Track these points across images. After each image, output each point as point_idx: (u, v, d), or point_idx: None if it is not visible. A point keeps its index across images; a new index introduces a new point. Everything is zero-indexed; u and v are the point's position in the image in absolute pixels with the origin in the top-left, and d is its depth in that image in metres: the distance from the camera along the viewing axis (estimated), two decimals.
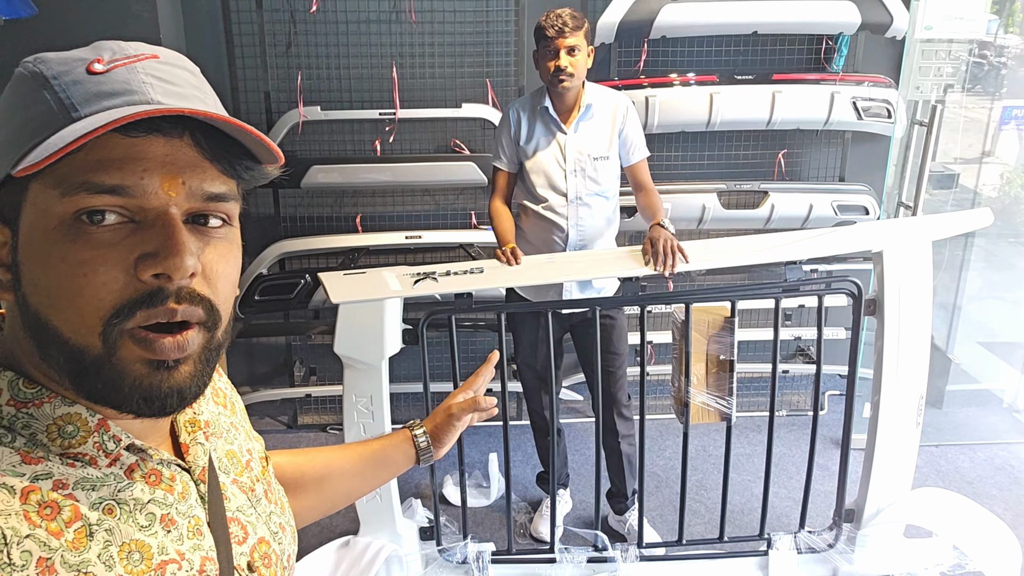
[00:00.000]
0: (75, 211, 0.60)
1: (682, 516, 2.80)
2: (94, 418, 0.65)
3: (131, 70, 0.63)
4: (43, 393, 0.64)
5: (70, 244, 0.60)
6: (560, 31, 2.53)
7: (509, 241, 2.69)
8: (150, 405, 0.63)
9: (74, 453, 0.64)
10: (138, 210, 0.62)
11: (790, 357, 4.03)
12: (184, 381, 0.64)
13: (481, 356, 3.98)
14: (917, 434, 2.70)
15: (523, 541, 3.10)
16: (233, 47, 3.45)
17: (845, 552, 2.77)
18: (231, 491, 0.79)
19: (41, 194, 0.61)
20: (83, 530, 0.61)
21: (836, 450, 3.24)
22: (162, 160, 0.62)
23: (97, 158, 0.60)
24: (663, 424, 3.85)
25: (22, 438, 0.62)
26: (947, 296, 4.00)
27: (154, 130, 0.61)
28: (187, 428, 0.77)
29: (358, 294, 2.49)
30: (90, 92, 0.61)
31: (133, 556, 0.64)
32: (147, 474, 0.68)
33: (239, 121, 0.64)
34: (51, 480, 0.61)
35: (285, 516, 0.88)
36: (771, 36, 3.56)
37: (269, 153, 0.67)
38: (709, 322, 2.62)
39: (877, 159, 3.72)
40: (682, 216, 3.55)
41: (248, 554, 0.77)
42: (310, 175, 3.47)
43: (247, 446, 0.88)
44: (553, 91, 2.66)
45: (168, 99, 0.63)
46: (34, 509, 0.59)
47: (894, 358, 2.61)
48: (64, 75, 0.62)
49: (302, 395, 3.89)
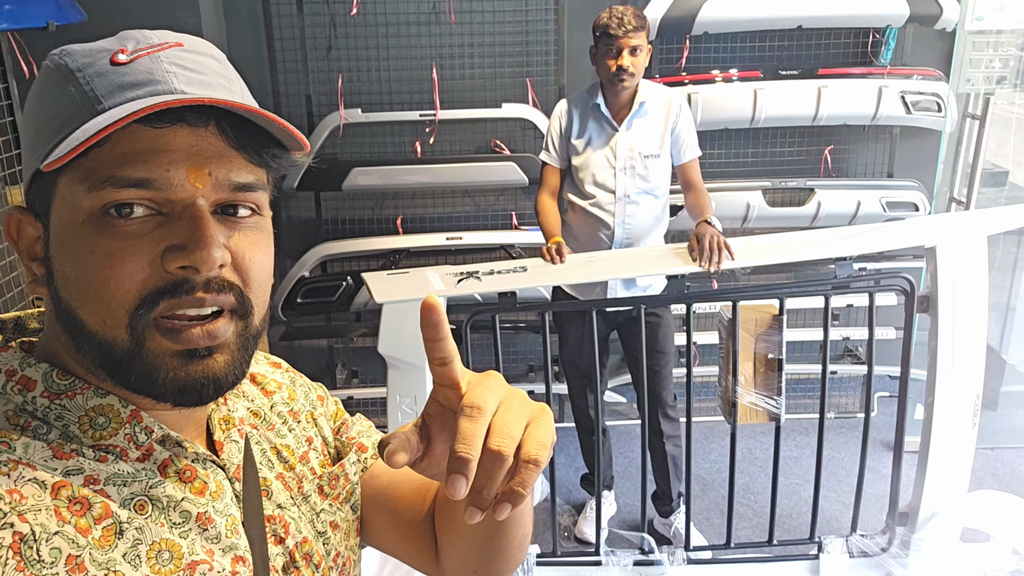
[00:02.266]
0: (103, 205, 0.59)
1: (730, 519, 2.75)
2: (127, 409, 0.65)
3: (154, 59, 0.62)
4: (76, 384, 0.64)
5: (98, 237, 0.60)
6: (626, 31, 2.51)
7: (554, 235, 2.67)
8: (186, 395, 0.63)
9: (105, 445, 0.63)
10: (165, 203, 0.61)
11: (838, 358, 3.95)
12: (220, 370, 0.63)
13: (524, 357, 3.99)
14: (973, 435, 2.62)
15: (568, 544, 3.07)
16: (274, 51, 3.48)
17: (899, 556, 2.70)
18: (275, 486, 0.78)
19: (69, 188, 0.61)
20: (112, 528, 0.60)
21: (885, 453, 3.17)
22: (187, 151, 0.61)
23: (122, 151, 0.59)
24: (708, 426, 3.79)
25: (56, 430, 0.62)
26: (1000, 296, 3.90)
27: (179, 120, 0.60)
28: (221, 426, 0.75)
29: (401, 294, 2.48)
30: (114, 84, 0.61)
31: (162, 556, 0.63)
32: (181, 470, 0.67)
33: (262, 109, 0.63)
34: (82, 475, 0.61)
35: (343, 513, 0.84)
36: (816, 30, 3.49)
37: (295, 140, 0.66)
38: (757, 320, 2.58)
39: (927, 154, 3.63)
40: (726, 215, 3.49)
41: (285, 554, 0.75)
42: (351, 177, 3.48)
43: (308, 434, 0.85)
44: (610, 89, 2.64)
45: (192, 88, 0.62)
46: (64, 505, 0.58)
47: (948, 356, 2.54)
48: (88, 67, 0.62)
49: (344, 397, 3.90)
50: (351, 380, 4.01)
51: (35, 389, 0.63)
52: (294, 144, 0.66)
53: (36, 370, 0.64)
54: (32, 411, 0.62)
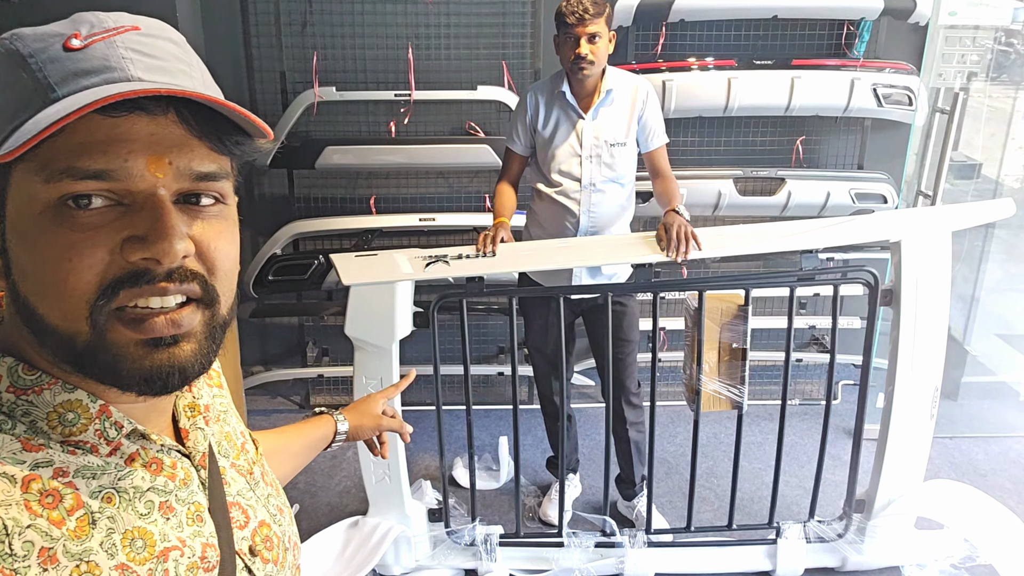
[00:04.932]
0: (59, 197, 0.58)
1: (691, 503, 2.80)
2: (95, 404, 0.64)
3: (110, 44, 0.60)
4: (43, 379, 0.63)
5: (56, 229, 0.58)
6: (581, 18, 2.49)
7: (501, 216, 2.68)
8: (151, 385, 0.62)
9: (75, 441, 0.63)
10: (125, 193, 0.59)
11: (804, 346, 4.01)
12: (186, 359, 0.62)
13: (492, 339, 4.01)
14: (931, 426, 2.67)
15: (531, 525, 3.10)
16: (249, 26, 3.44)
17: (855, 542, 2.76)
18: (230, 475, 0.79)
19: (25, 179, 0.59)
20: (85, 518, 0.60)
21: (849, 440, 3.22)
22: (147, 140, 0.59)
23: (79, 141, 0.57)
24: (675, 411, 3.84)
25: (22, 425, 0.61)
26: (966, 287, 3.96)
27: (137, 108, 0.58)
28: (186, 413, 0.76)
29: (369, 276, 2.48)
30: (68, 70, 0.58)
31: (136, 543, 0.63)
32: (148, 462, 0.67)
33: (223, 99, 0.61)
34: (52, 468, 0.60)
35: (281, 498, 0.87)
36: (791, 20, 3.51)
37: (258, 128, 0.64)
38: (722, 310, 2.61)
39: (897, 147, 3.67)
40: (697, 202, 3.52)
41: (249, 538, 0.76)
42: (325, 156, 3.46)
43: (240, 428, 0.87)
44: (573, 77, 2.63)
45: (150, 75, 0.60)
46: (35, 498, 0.58)
47: (909, 349, 2.59)
48: (40, 52, 0.59)
49: (314, 375, 3.91)
50: (321, 359, 4.01)
51: (0, 384, 0.62)
52: (257, 131, 0.65)
53: (1, 365, 0.63)
54: None
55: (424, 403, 3.78)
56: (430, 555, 2.78)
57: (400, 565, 2.74)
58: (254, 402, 3.93)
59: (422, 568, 2.76)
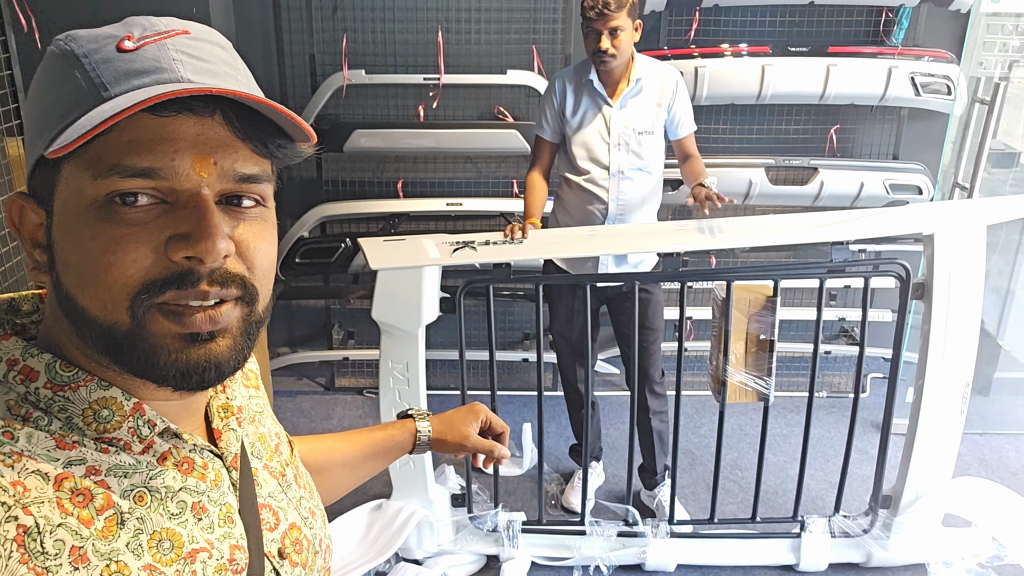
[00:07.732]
0: (107, 193, 0.59)
1: (715, 494, 2.78)
2: (129, 402, 0.64)
3: (161, 47, 0.61)
4: (80, 376, 0.64)
5: (102, 224, 0.59)
6: (601, 13, 2.48)
7: (532, 216, 2.70)
8: (187, 379, 0.62)
9: (108, 438, 0.63)
10: (170, 192, 0.60)
11: (834, 337, 3.96)
12: (222, 355, 0.63)
13: (518, 326, 4.00)
14: (960, 422, 2.63)
15: (554, 512, 3.11)
16: (280, 10, 3.44)
17: (880, 538, 2.73)
18: (262, 476, 0.79)
19: (74, 175, 0.60)
20: (114, 518, 0.61)
21: (876, 434, 3.18)
22: (193, 140, 0.60)
23: (128, 139, 0.59)
24: (700, 401, 3.82)
25: (58, 421, 0.62)
26: (1000, 280, 3.88)
27: (185, 109, 0.60)
28: (220, 414, 0.76)
29: (397, 261, 2.49)
30: (120, 71, 0.60)
31: (163, 545, 0.63)
32: (180, 462, 0.68)
33: (269, 100, 0.62)
34: (84, 466, 0.61)
35: (314, 500, 0.87)
36: (828, 7, 3.45)
37: (302, 131, 0.65)
38: (751, 300, 2.58)
39: (934, 137, 3.60)
40: (728, 191, 3.45)
41: (279, 541, 0.76)
42: (353, 139, 3.47)
43: (275, 429, 0.87)
44: (597, 68, 2.63)
45: (199, 76, 0.61)
46: (67, 496, 0.58)
47: (940, 344, 2.54)
48: (94, 53, 0.61)
49: (340, 358, 3.93)
50: (347, 341, 4.03)
51: (38, 380, 0.63)
52: (300, 135, 0.66)
53: (39, 360, 0.63)
54: (35, 401, 0.62)
55: (449, 387, 3.79)
56: (452, 540, 2.79)
57: (423, 549, 2.76)
58: (280, 383, 3.96)
59: (444, 553, 2.77)
